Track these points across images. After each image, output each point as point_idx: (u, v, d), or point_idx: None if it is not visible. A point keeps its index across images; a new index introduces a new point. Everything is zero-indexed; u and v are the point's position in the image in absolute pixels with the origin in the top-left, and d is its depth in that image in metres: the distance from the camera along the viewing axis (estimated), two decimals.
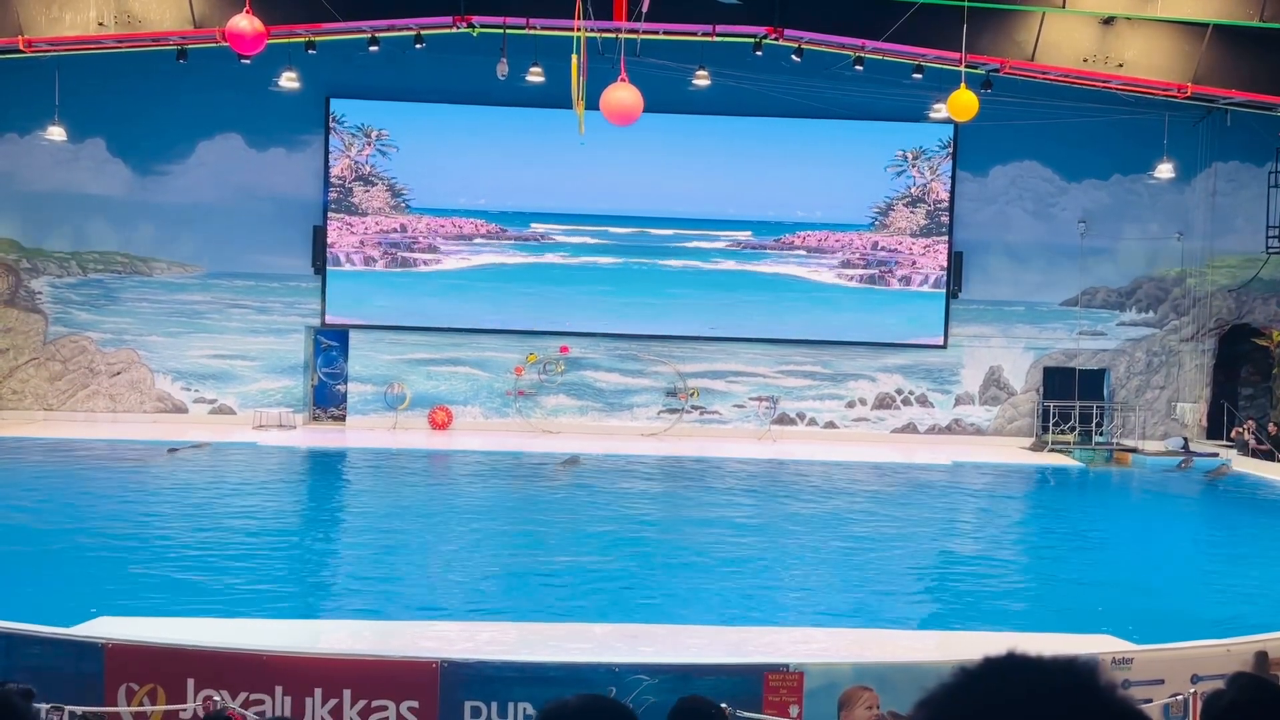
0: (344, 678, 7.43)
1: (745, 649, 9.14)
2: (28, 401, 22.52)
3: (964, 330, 23.16)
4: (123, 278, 22.66)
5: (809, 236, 23.06)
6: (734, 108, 22.00)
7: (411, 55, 20.50)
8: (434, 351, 22.88)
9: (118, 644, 7.66)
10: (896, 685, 6.97)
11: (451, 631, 9.61)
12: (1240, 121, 21.93)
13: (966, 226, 23.05)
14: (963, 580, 12.89)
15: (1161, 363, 23.44)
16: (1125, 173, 23.01)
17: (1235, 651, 8.06)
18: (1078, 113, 21.44)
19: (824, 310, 22.98)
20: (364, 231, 22.75)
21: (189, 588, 11.11)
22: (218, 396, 22.69)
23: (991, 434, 23.17)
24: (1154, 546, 15.25)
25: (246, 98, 21.95)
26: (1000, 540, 15.55)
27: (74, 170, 22.35)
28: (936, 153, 22.86)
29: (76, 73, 20.98)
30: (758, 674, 7.60)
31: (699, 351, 23.03)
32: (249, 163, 22.48)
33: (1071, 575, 13.16)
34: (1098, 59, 18.66)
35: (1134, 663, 7.81)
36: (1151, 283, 23.38)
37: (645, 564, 12.89)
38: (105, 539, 13.11)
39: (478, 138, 22.47)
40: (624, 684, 7.23)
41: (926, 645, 9.93)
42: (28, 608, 9.15)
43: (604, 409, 23.00)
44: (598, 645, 9.07)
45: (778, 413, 23.05)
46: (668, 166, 22.58)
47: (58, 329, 22.62)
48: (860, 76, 20.42)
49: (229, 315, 22.72)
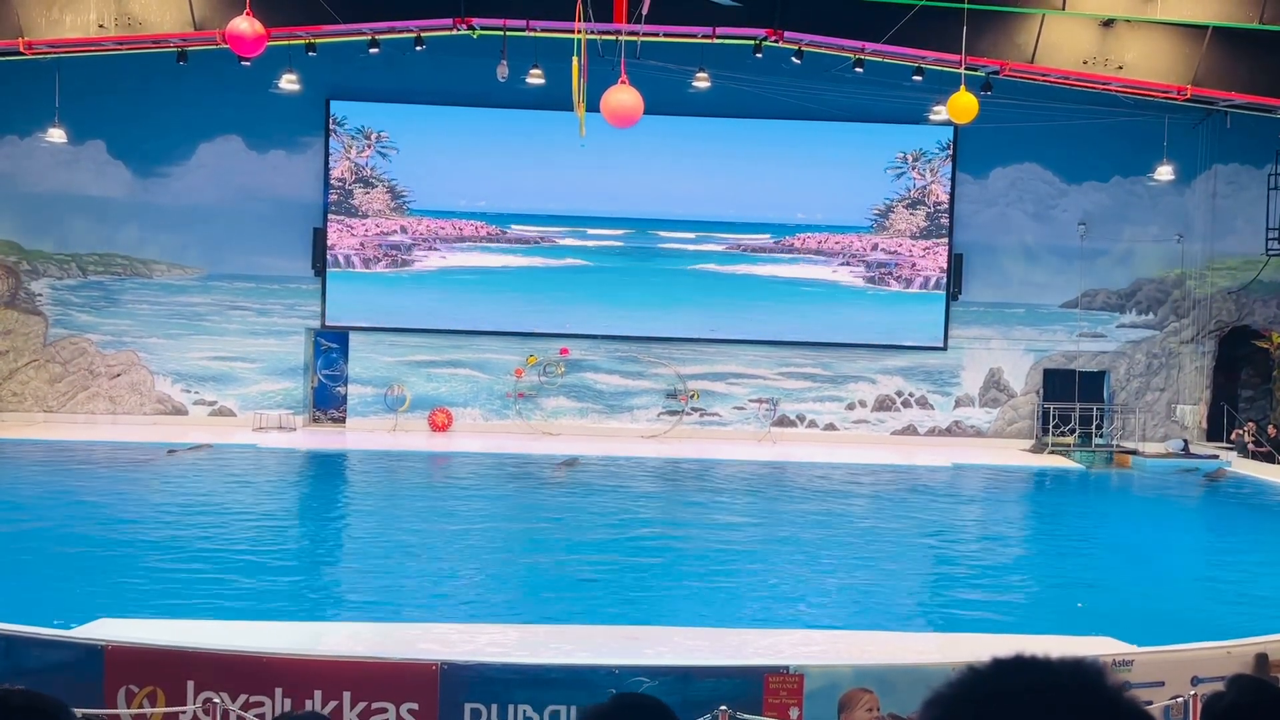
0: (344, 679, 7.43)
1: (745, 651, 9.13)
2: (28, 403, 22.52)
3: (964, 332, 23.17)
4: (123, 279, 22.67)
5: (809, 238, 23.06)
6: (734, 110, 22.00)
7: (411, 57, 20.51)
8: (434, 353, 22.89)
9: (118, 646, 7.67)
10: (897, 687, 6.97)
11: (451, 633, 9.60)
12: (1240, 124, 21.93)
13: (966, 228, 23.05)
14: (963, 582, 12.89)
15: (1161, 365, 23.44)
16: (1125, 175, 23.02)
17: (1235, 653, 8.06)
18: (1078, 115, 21.45)
19: (824, 312, 22.99)
20: (364, 233, 22.76)
21: (189, 590, 11.11)
22: (218, 398, 22.69)
23: (991, 436, 23.17)
24: (1153, 548, 15.25)
25: (247, 100, 21.97)
26: (1000, 542, 15.55)
27: (74, 172, 22.36)
28: (936, 155, 22.87)
29: (77, 75, 20.98)
30: (758, 676, 7.60)
31: (699, 353, 23.04)
32: (249, 165, 22.50)
33: (1071, 577, 13.15)
34: (1098, 61, 18.67)
35: (1134, 664, 7.81)
36: (1151, 285, 23.38)
37: (645, 566, 12.89)
38: (105, 541, 13.11)
39: (478, 140, 22.49)
40: (624, 686, 7.23)
41: (927, 647, 9.93)
42: (28, 610, 9.15)
43: (604, 411, 23.00)
44: (598, 647, 9.06)
45: (778, 415, 23.05)
46: (668, 169, 22.59)
47: (58, 331, 22.62)
48: (860, 78, 20.45)
49: (229, 317, 22.72)
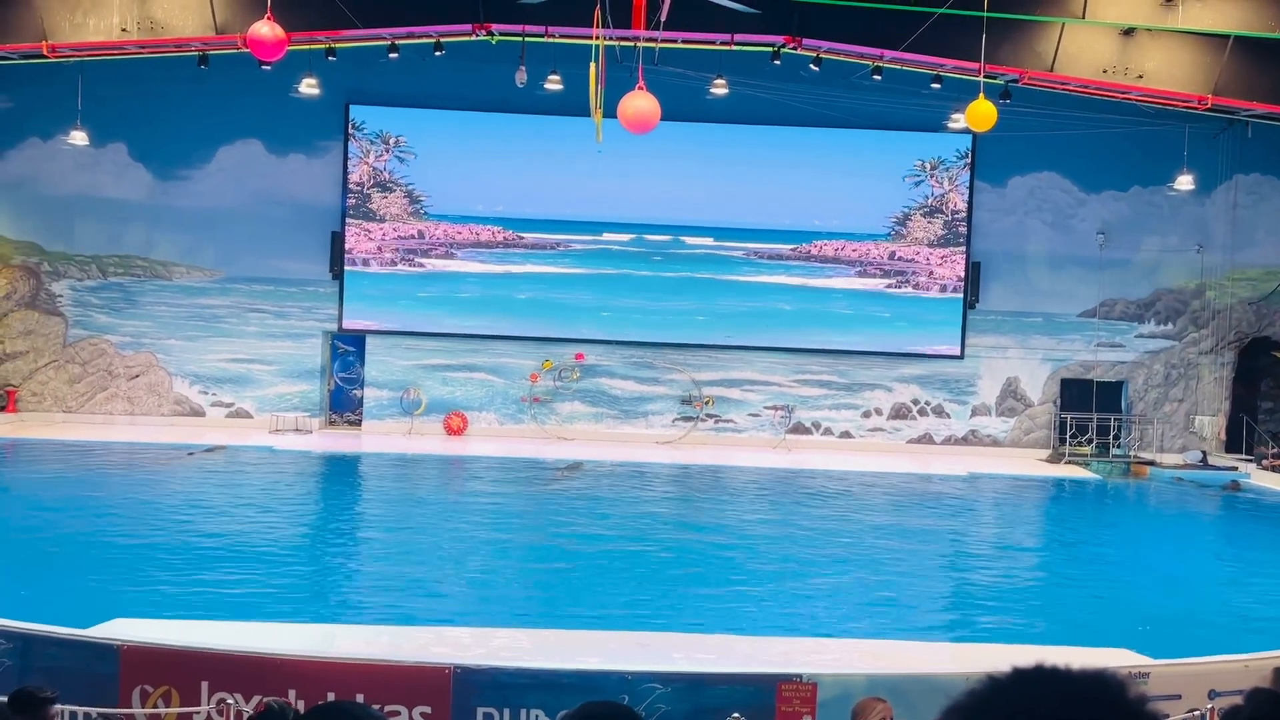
0: (357, 682, 7.44)
1: (758, 658, 9.11)
2: (47, 403, 22.67)
3: (981, 341, 23.08)
4: (142, 281, 22.81)
5: (826, 246, 23.02)
6: (752, 117, 22.00)
7: (431, 62, 20.58)
8: (450, 357, 22.94)
9: (133, 646, 7.70)
10: (910, 697, 6.94)
11: (465, 637, 9.61)
12: (1261, 134, 21.79)
13: (984, 237, 22.97)
14: (978, 592, 12.84)
15: (1180, 375, 23.29)
16: (1145, 184, 22.90)
17: (1253, 667, 7.99)
18: (1097, 124, 21.36)
19: (840, 319, 22.94)
20: (381, 237, 22.84)
21: (204, 590, 11.16)
22: (235, 400, 22.79)
23: (1008, 445, 23.06)
24: (1171, 560, 15.14)
25: (267, 104, 22.10)
26: (1016, 552, 15.47)
27: (95, 174, 22.52)
28: (954, 163, 22.81)
29: (99, 78, 21.14)
30: (771, 684, 7.58)
31: (714, 360, 23.01)
32: (268, 168, 22.62)
33: (1087, 588, 13.08)
34: (1117, 70, 18.60)
35: (1151, 677, 7.75)
36: (1170, 295, 23.24)
37: (659, 572, 12.88)
38: (121, 542, 13.19)
39: (495, 145, 22.54)
40: (637, 692, 7.22)
41: (941, 657, 9.88)
42: (46, 609, 9.20)
43: (619, 416, 23.00)
44: (611, 653, 9.06)
45: (793, 422, 23.00)
46: (685, 175, 22.59)
47: (78, 332, 22.77)
48: (878, 86, 20.42)
49: (247, 320, 22.83)
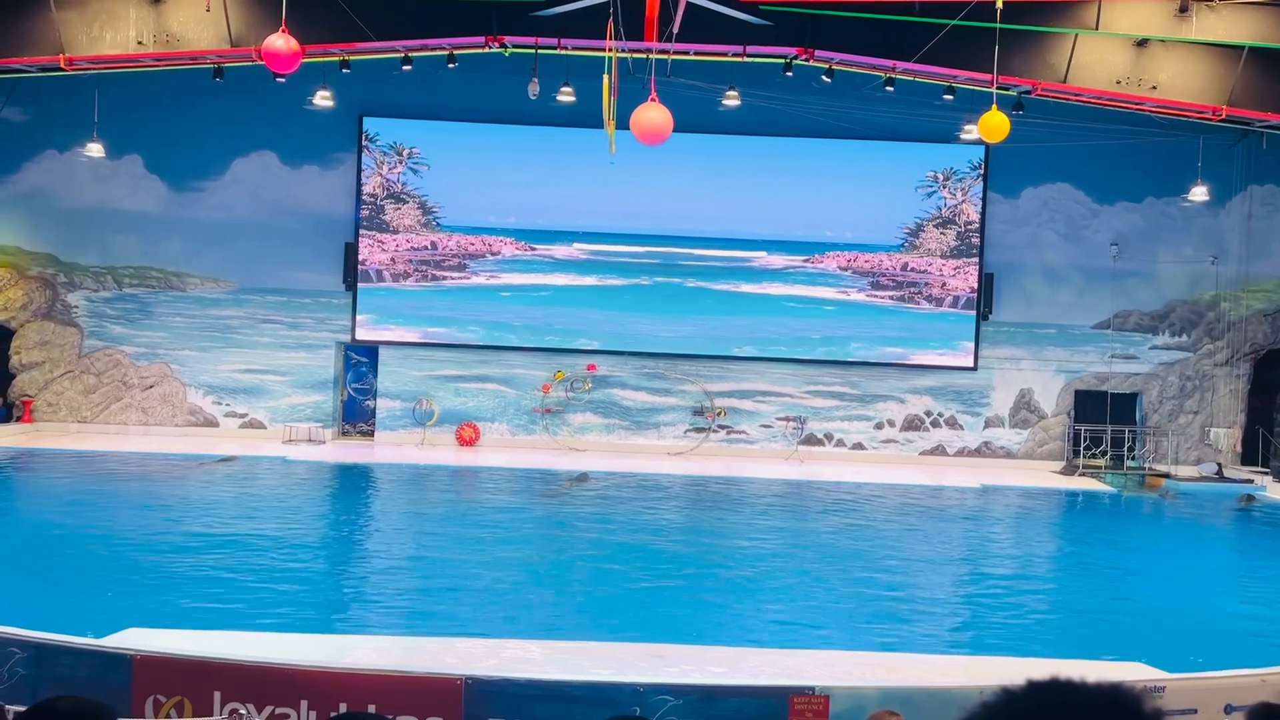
0: (368, 692, 7.44)
1: (770, 670, 9.08)
2: (62, 414, 22.79)
3: (994, 352, 23.01)
4: (157, 292, 22.93)
5: (838, 257, 23.01)
6: (764, 128, 22.03)
7: (444, 75, 20.68)
8: (462, 368, 22.99)
9: (146, 655, 7.72)
10: (923, 710, 6.90)
11: (476, 648, 9.60)
12: (1276, 145, 21.72)
13: (997, 248, 22.93)
14: (991, 605, 12.76)
15: (1195, 387, 23.17)
16: (1159, 195, 22.84)
17: (1270, 681, 7.92)
18: (1110, 135, 21.32)
19: (852, 331, 22.91)
20: (395, 249, 22.92)
21: (216, 601, 11.18)
22: (248, 411, 22.87)
23: (1021, 457, 22.98)
24: (1186, 573, 15.04)
25: (281, 116, 22.24)
26: (1030, 565, 15.38)
27: (111, 186, 22.67)
28: (967, 174, 22.79)
29: (115, 91, 21.29)
30: (783, 696, 7.55)
31: (726, 371, 23.00)
32: (282, 180, 22.74)
33: (1102, 602, 13.00)
34: (1131, 81, 18.56)
35: (1166, 691, 7.69)
36: (1185, 306, 23.15)
37: (671, 583, 12.85)
38: (134, 552, 13.23)
39: (508, 156, 22.62)
40: (649, 704, 7.20)
41: (954, 670, 9.82)
42: (58, 619, 9.23)
43: (630, 427, 23.00)
44: (622, 664, 9.03)
45: (805, 433, 22.96)
46: (697, 186, 22.62)
47: (92, 342, 22.90)
48: (891, 97, 20.43)
49: (261, 330, 22.93)
